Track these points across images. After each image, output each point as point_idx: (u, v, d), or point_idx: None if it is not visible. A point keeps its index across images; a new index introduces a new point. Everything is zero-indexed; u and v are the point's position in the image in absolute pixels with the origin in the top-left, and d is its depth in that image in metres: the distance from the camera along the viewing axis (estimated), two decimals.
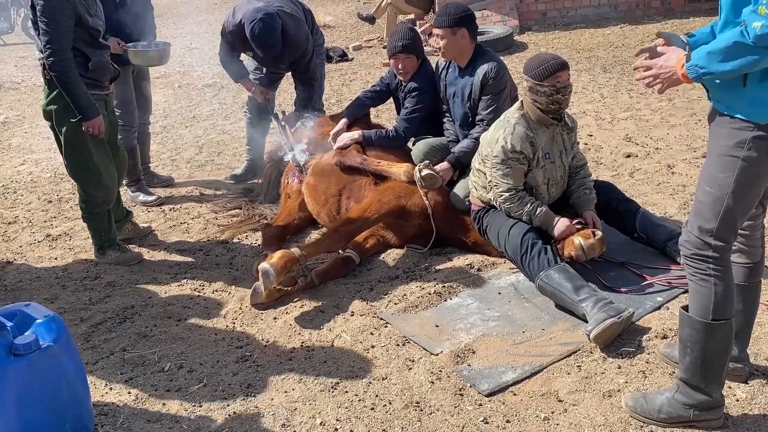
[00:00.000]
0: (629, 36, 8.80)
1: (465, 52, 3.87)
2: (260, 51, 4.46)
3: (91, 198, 3.85)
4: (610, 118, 5.87)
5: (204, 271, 3.89)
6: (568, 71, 3.30)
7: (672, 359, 2.67)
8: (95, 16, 3.64)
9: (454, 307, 3.28)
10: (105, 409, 2.74)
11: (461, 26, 3.79)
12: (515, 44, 8.88)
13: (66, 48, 3.47)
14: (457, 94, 3.95)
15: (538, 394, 2.64)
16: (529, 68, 3.32)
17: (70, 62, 3.50)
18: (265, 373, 2.89)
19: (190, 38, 11.79)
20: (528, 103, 3.36)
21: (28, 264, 4.13)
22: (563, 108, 3.36)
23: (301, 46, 4.60)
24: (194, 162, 5.82)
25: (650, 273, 3.37)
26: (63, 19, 3.42)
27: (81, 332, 3.31)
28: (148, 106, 5.03)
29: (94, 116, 3.60)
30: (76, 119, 3.58)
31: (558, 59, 3.30)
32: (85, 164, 3.74)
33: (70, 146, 3.69)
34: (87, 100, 3.57)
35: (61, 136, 3.67)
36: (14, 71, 10.39)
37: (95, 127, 3.62)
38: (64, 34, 3.45)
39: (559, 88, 3.26)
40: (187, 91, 8.31)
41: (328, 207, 4.03)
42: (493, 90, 3.80)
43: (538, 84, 3.26)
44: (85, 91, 3.56)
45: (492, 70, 3.78)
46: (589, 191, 3.54)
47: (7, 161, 6.23)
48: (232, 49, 4.76)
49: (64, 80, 3.50)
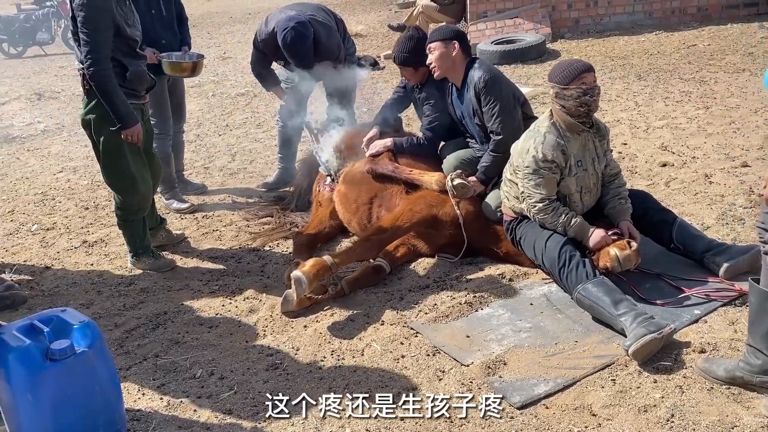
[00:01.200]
0: (664, 43, 8.65)
1: (457, 66, 3.84)
2: (292, 59, 4.50)
3: (127, 205, 3.91)
4: (645, 127, 5.77)
5: (236, 278, 3.92)
6: (593, 73, 3.26)
7: (710, 374, 2.61)
8: (133, 27, 3.71)
9: (485, 317, 3.25)
10: (137, 414, 2.77)
11: (451, 39, 3.81)
12: (548, 52, 8.81)
13: (105, 57, 3.53)
14: (465, 113, 3.94)
15: (571, 407, 2.59)
16: (553, 74, 3.28)
17: (110, 71, 3.56)
18: (295, 382, 2.89)
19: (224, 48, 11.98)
20: (557, 111, 3.31)
21: (65, 269, 4.21)
22: (592, 110, 3.30)
23: (333, 54, 4.63)
24: (227, 170, 5.89)
25: (687, 285, 3.28)
26: (103, 29, 3.49)
27: (115, 338, 3.36)
28: (182, 114, 5.11)
29: (133, 124, 3.66)
30: (114, 128, 3.64)
31: (581, 61, 3.27)
32: (122, 172, 3.79)
33: (107, 155, 3.75)
34: (126, 109, 3.63)
35: (99, 144, 3.73)
36: (54, 81, 10.67)
37: (133, 135, 3.68)
38: (104, 43, 3.52)
39: (586, 90, 3.21)
40: (220, 100, 8.42)
41: (359, 215, 4.03)
42: (489, 98, 3.73)
43: (564, 88, 3.22)
44: (123, 100, 3.62)
45: (481, 80, 3.72)
46: (625, 201, 3.47)
47: (47, 169, 6.38)
48: (264, 58, 4.81)
49: (104, 89, 3.56)
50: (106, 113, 3.62)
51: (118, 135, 3.67)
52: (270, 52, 4.69)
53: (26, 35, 13.70)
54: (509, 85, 3.87)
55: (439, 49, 3.82)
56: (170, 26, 4.66)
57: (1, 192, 5.82)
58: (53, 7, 14.11)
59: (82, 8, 3.45)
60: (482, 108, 3.77)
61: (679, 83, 6.89)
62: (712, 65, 7.42)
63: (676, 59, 7.85)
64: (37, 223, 5.02)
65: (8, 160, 6.80)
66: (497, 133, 3.74)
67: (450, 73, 3.89)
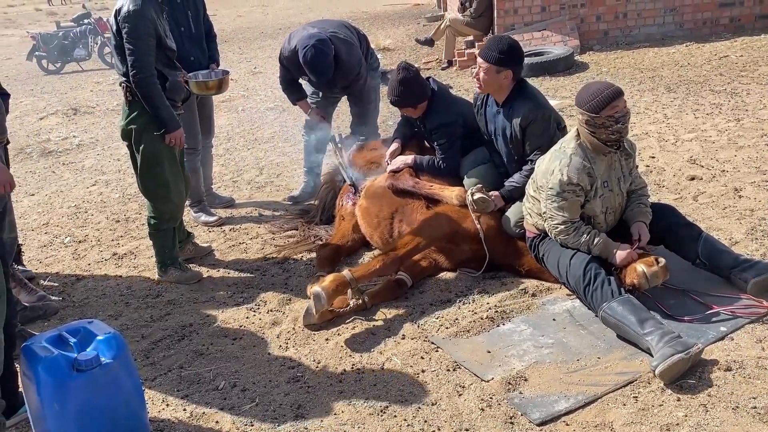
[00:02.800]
0: (695, 54, 8.54)
1: (503, 90, 3.71)
2: (312, 76, 4.56)
3: (160, 214, 4.03)
4: (673, 140, 5.70)
5: (260, 290, 3.97)
6: (623, 98, 3.18)
7: None
8: (170, 39, 3.90)
9: (506, 332, 3.23)
10: (161, 425, 2.82)
11: (507, 67, 3.61)
12: (576, 64, 8.76)
13: (151, 65, 3.71)
14: (498, 132, 3.83)
15: (592, 425, 2.56)
16: (582, 101, 3.20)
17: (155, 78, 3.74)
18: (316, 395, 2.92)
19: (255, 63, 12.18)
20: (584, 133, 3.25)
21: (96, 281, 4.32)
22: (624, 136, 3.26)
23: (354, 70, 4.68)
24: (254, 183, 5.97)
25: (714, 301, 3.23)
26: (147, 38, 3.67)
27: (141, 348, 3.43)
28: (211, 129, 5.20)
29: (177, 128, 3.84)
30: (159, 132, 3.79)
31: (611, 87, 3.17)
32: (159, 180, 3.92)
33: (146, 162, 3.88)
34: (170, 113, 3.81)
35: (138, 154, 3.87)
36: (90, 96, 10.95)
37: (177, 139, 3.85)
38: (149, 52, 3.70)
39: (618, 118, 3.14)
40: (249, 115, 8.56)
41: (380, 230, 4.05)
42: (535, 132, 3.66)
43: (595, 117, 3.15)
44: (167, 105, 3.80)
45: (531, 113, 3.62)
46: (644, 205, 3.42)
47: (80, 182, 6.55)
48: (288, 73, 4.89)
49: (150, 95, 3.72)
50: (148, 121, 3.78)
51: (158, 142, 3.82)
52: (294, 69, 4.77)
53: (64, 52, 14.12)
54: (552, 115, 3.74)
55: (490, 73, 3.63)
56: (199, 43, 4.76)
57: (37, 205, 5.99)
58: (90, 24, 14.52)
59: (127, 19, 3.63)
60: (524, 139, 3.69)
61: (709, 95, 6.79)
62: (744, 76, 7.29)
63: (707, 71, 7.74)
64: (69, 236, 5.15)
65: (44, 173, 6.99)
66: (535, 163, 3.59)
67: (494, 93, 3.77)
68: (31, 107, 10.34)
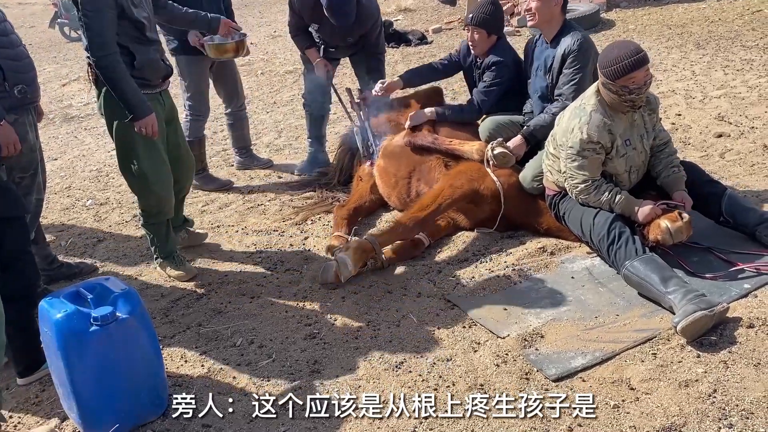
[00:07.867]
0: (727, 9, 8.25)
1: (554, 20, 3.69)
2: (335, 19, 4.33)
3: (145, 207, 3.59)
4: (701, 97, 5.53)
5: (278, 250, 3.97)
6: (645, 67, 3.06)
7: None
8: (139, 7, 3.29)
9: (524, 290, 3.20)
10: (179, 380, 2.86)
11: None
12: (602, 22, 8.53)
13: (110, 42, 3.15)
14: (540, 67, 3.80)
15: (609, 381, 2.53)
16: (603, 63, 3.11)
17: (117, 56, 3.17)
18: (332, 351, 2.93)
19: (275, 27, 12.07)
20: (604, 92, 3.18)
21: (116, 242, 4.36)
22: (637, 105, 3.17)
23: (373, 16, 4.55)
24: (273, 146, 5.95)
25: (738, 258, 3.15)
26: (105, 9, 3.12)
27: (161, 307, 3.46)
28: (239, 92, 5.12)
29: (146, 115, 3.25)
30: (127, 119, 3.26)
31: (634, 55, 3.03)
32: (135, 170, 3.43)
33: (120, 151, 3.44)
34: (137, 98, 3.22)
35: (113, 138, 3.43)
36: None
37: (147, 127, 3.27)
38: (108, 26, 3.14)
39: (633, 89, 3.07)
40: (269, 78, 8.50)
41: (398, 189, 4.01)
42: (574, 63, 3.62)
43: (609, 83, 3.09)
44: (134, 88, 3.22)
45: (575, 43, 3.61)
46: (678, 169, 3.34)
47: (102, 147, 6.59)
48: (300, 20, 4.70)
49: (111, 76, 3.17)
50: (117, 106, 3.25)
51: (130, 128, 3.29)
52: (306, 15, 4.60)
53: None
54: (593, 55, 3.69)
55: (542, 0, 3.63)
56: (217, 7, 4.67)
57: (60, 169, 6.05)
58: None
59: None
60: (563, 69, 3.66)
61: (740, 51, 6.57)
62: None
63: (738, 26, 7.48)
64: (91, 198, 5.21)
65: (67, 138, 7.05)
66: (566, 98, 3.61)
67: (545, 26, 3.74)
68: (54, 74, 10.41)
